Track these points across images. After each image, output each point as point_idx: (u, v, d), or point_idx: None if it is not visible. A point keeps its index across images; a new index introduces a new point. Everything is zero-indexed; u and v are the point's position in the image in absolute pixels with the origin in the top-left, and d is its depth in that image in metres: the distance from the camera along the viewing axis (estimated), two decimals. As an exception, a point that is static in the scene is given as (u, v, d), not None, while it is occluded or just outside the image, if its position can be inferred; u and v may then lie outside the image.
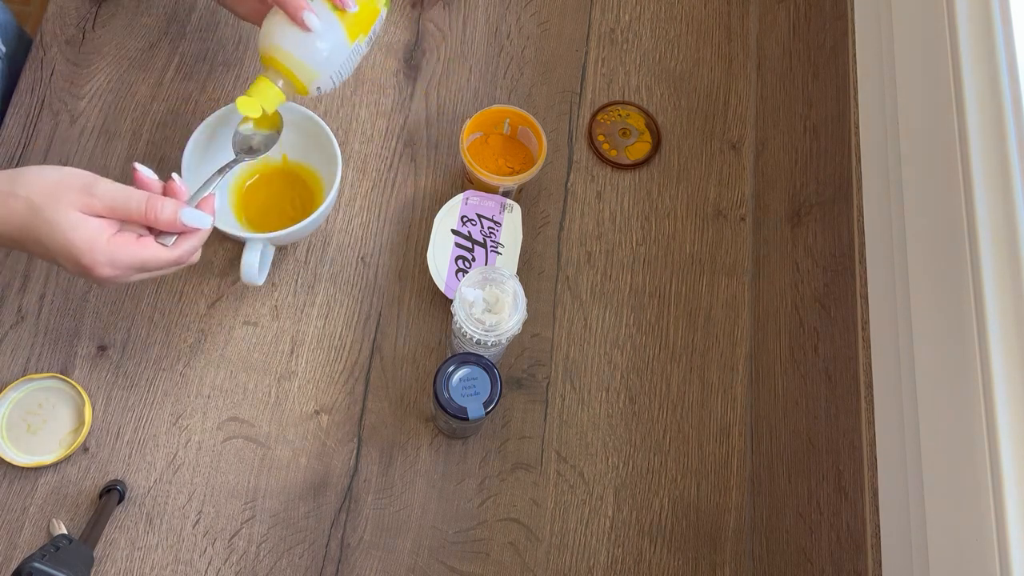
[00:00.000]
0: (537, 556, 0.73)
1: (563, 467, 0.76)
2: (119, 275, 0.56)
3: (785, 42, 0.87)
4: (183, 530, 0.71)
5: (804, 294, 0.73)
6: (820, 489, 0.66)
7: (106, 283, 0.57)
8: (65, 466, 0.71)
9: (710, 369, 0.81)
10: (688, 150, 0.88)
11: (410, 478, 0.74)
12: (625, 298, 0.82)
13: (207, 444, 0.73)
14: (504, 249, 0.77)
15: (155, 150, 0.82)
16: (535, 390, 0.78)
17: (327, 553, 0.71)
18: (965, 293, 0.51)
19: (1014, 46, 0.54)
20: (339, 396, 0.76)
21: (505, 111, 0.80)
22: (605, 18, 0.93)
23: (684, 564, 0.74)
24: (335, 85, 0.68)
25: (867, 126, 0.67)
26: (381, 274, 0.80)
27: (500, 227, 0.78)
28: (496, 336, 0.65)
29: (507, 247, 0.77)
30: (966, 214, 0.52)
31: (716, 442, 0.78)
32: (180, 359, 0.76)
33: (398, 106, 0.86)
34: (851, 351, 0.64)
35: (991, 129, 0.53)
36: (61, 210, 0.53)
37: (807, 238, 0.75)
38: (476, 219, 0.78)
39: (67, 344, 0.75)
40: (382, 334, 0.78)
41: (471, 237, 0.77)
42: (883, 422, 0.58)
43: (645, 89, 0.90)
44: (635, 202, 0.86)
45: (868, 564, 0.58)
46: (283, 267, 0.79)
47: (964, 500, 0.48)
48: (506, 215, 0.78)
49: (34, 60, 0.84)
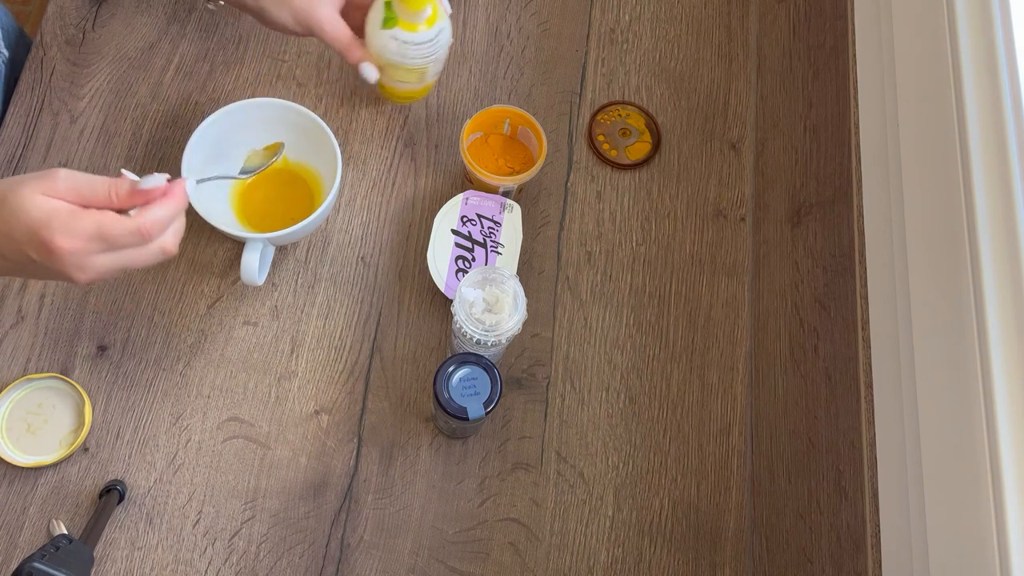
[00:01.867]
0: (537, 556, 0.73)
1: (563, 467, 0.76)
2: (78, 248, 0.53)
3: (785, 42, 0.87)
4: (183, 530, 0.71)
5: (804, 294, 0.73)
6: (820, 489, 0.66)
7: (68, 262, 0.54)
8: (65, 466, 0.71)
9: (710, 369, 0.81)
10: (688, 150, 0.88)
11: (410, 478, 0.74)
12: (625, 298, 0.82)
13: (207, 444, 0.73)
14: (504, 249, 0.77)
15: (155, 150, 0.82)
16: (535, 390, 0.78)
17: (327, 553, 0.71)
18: (965, 293, 0.51)
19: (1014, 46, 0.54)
20: (339, 396, 0.76)
21: (505, 111, 0.80)
22: (605, 18, 0.93)
23: (684, 564, 0.74)
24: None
25: (867, 126, 0.67)
26: (381, 274, 0.80)
27: (500, 227, 0.78)
28: (496, 336, 0.65)
29: (507, 247, 0.77)
30: (966, 214, 0.52)
31: (716, 442, 0.78)
32: (180, 359, 0.76)
33: (398, 106, 0.86)
34: (851, 351, 0.64)
35: (991, 129, 0.53)
36: (24, 195, 0.53)
37: (807, 238, 0.75)
38: (476, 219, 0.78)
39: (67, 344, 0.75)
40: (382, 334, 0.78)
41: (471, 237, 0.77)
42: (883, 422, 0.58)
43: (645, 89, 0.90)
44: (635, 202, 0.86)
45: (868, 564, 0.58)
46: (283, 267, 0.79)
47: (964, 500, 0.48)
48: (506, 215, 0.78)
49: (34, 60, 0.84)
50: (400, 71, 0.74)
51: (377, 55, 0.73)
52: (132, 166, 0.81)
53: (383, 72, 0.75)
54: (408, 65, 0.74)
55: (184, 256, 0.78)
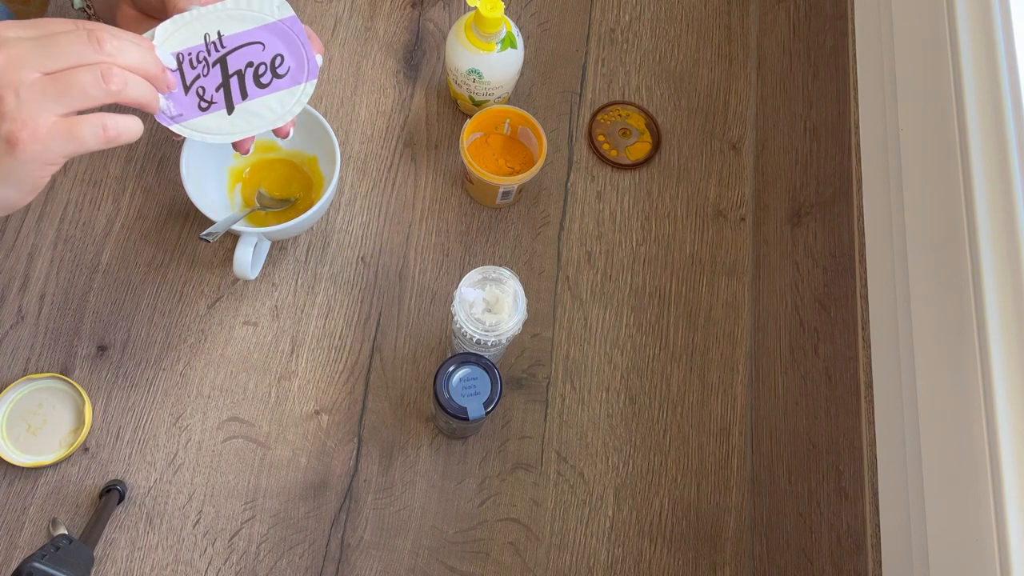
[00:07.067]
0: (537, 556, 0.73)
1: (563, 467, 0.76)
2: (26, 97, 0.44)
3: (785, 42, 0.87)
4: (183, 530, 0.71)
5: (804, 294, 0.73)
6: (820, 489, 0.66)
7: (15, 119, 0.44)
8: (65, 466, 0.71)
9: (710, 369, 0.81)
10: (688, 150, 0.88)
11: (410, 478, 0.74)
12: (625, 298, 0.82)
13: (207, 444, 0.73)
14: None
15: (155, 150, 0.82)
16: (535, 390, 0.78)
17: (327, 553, 0.71)
18: (965, 293, 0.51)
19: (1014, 46, 0.54)
20: (339, 396, 0.76)
21: (505, 111, 0.80)
22: (605, 18, 0.93)
23: (684, 564, 0.74)
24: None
25: (867, 126, 0.67)
26: (381, 274, 0.80)
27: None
28: (496, 336, 0.65)
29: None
30: (966, 214, 0.52)
31: (716, 442, 0.78)
32: (180, 359, 0.76)
33: (398, 106, 0.86)
34: (851, 351, 0.64)
35: (991, 129, 0.53)
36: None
37: (807, 238, 0.75)
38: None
39: (67, 344, 0.75)
40: (382, 334, 0.78)
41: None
42: (883, 422, 0.58)
43: (645, 89, 0.90)
44: (635, 202, 0.86)
45: (868, 564, 0.58)
46: (283, 267, 0.79)
47: (964, 500, 0.48)
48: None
49: (34, 60, 0.84)
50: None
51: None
52: (132, 165, 0.81)
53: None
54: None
55: (184, 255, 0.78)
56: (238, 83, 0.55)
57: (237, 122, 0.55)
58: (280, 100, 0.55)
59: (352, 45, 0.88)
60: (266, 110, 0.55)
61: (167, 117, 0.53)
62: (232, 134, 0.55)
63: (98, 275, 0.77)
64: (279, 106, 0.55)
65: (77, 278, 0.77)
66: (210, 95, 0.54)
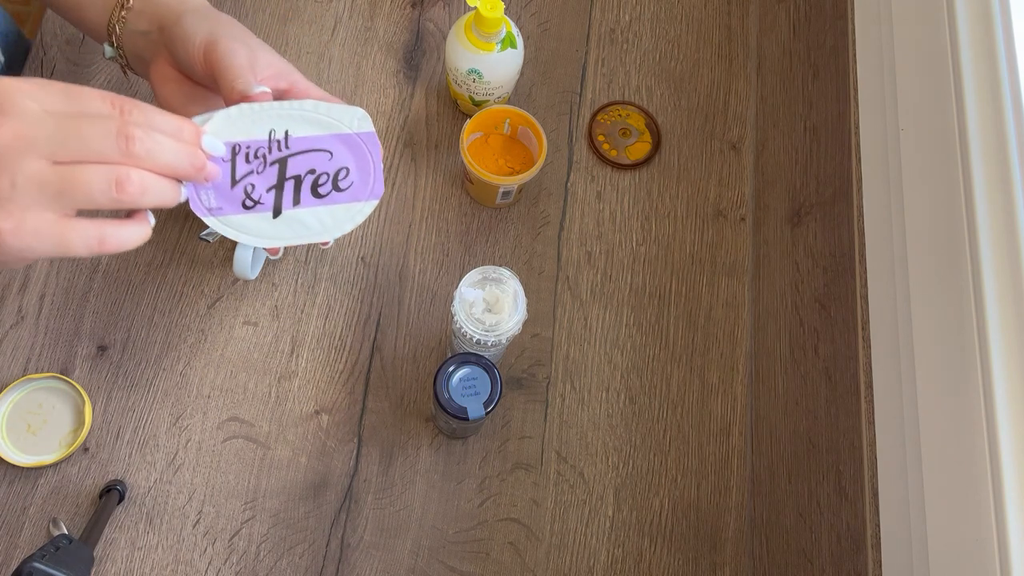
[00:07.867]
0: (537, 556, 0.73)
1: (563, 467, 0.76)
2: (22, 187, 0.40)
3: (785, 42, 0.87)
4: (183, 530, 0.71)
5: (804, 294, 0.73)
6: (820, 489, 0.66)
7: (2, 207, 0.40)
8: (65, 466, 0.71)
9: (710, 369, 0.81)
10: (688, 150, 0.88)
11: (410, 478, 0.74)
12: (625, 298, 0.82)
13: (207, 444, 0.73)
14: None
15: (155, 150, 0.82)
16: (535, 390, 0.78)
17: (327, 553, 0.71)
18: (965, 293, 0.51)
19: (1014, 46, 0.54)
20: (339, 396, 0.76)
21: (505, 111, 0.80)
22: (605, 18, 0.93)
23: (684, 564, 0.74)
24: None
25: (867, 126, 0.67)
26: (381, 274, 0.80)
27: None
28: (496, 336, 0.65)
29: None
30: (966, 214, 0.52)
31: (716, 442, 0.78)
32: (180, 359, 0.76)
33: (398, 106, 0.86)
34: (851, 351, 0.64)
35: (991, 129, 0.53)
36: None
37: (807, 238, 0.75)
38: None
39: (67, 344, 0.75)
40: (382, 334, 0.78)
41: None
42: (883, 422, 0.58)
43: (645, 89, 0.90)
44: (635, 202, 0.86)
45: (868, 564, 0.58)
46: (283, 267, 0.79)
47: (964, 500, 0.48)
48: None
49: (34, 60, 0.84)
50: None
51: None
52: (132, 166, 0.81)
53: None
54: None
55: (184, 255, 0.78)
56: (293, 188, 0.51)
57: (280, 227, 0.51)
58: (332, 214, 0.52)
59: (352, 45, 0.88)
60: (315, 221, 0.52)
61: (203, 208, 0.50)
62: (271, 239, 0.51)
63: (98, 275, 0.77)
64: (330, 219, 0.52)
65: (77, 278, 0.77)
66: (259, 194, 0.51)
